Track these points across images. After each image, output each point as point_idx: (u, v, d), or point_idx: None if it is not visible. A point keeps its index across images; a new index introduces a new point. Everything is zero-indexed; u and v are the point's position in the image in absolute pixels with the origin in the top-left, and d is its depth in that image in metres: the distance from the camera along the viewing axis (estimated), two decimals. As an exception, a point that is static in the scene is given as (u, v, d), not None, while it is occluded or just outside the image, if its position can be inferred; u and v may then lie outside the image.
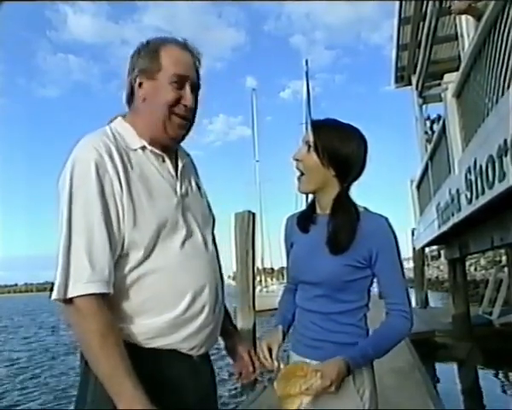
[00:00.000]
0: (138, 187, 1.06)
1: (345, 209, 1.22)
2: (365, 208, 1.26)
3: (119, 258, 1.03)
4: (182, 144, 1.25)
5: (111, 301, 1.02)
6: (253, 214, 6.53)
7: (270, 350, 1.29)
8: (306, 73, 29.58)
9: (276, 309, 1.52)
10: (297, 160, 1.26)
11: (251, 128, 31.57)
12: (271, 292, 23.64)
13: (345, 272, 1.19)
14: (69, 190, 1.00)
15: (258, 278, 23.73)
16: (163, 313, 1.06)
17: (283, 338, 1.35)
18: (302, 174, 1.25)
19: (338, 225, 1.20)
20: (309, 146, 1.23)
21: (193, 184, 1.25)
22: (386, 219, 1.23)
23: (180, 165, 1.19)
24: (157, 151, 1.13)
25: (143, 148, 1.12)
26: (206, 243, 1.18)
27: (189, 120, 1.15)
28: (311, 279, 1.25)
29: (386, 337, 1.19)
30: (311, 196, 1.35)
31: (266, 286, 26.05)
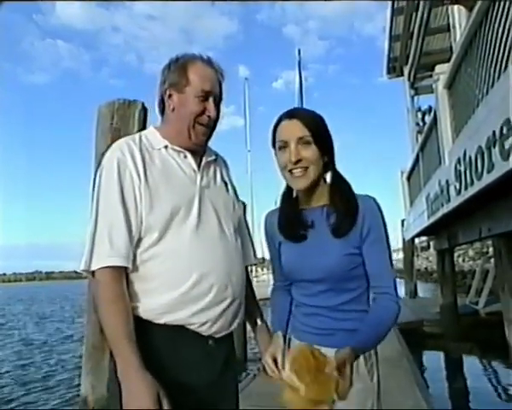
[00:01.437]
0: (157, 178, 1.22)
1: (345, 185, 1.25)
2: None
3: (138, 240, 1.19)
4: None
5: (129, 278, 1.18)
6: (244, 204, 6.51)
7: (275, 360, 1.26)
8: (299, 63, 29.44)
9: (266, 299, 1.51)
10: (300, 160, 1.20)
11: (243, 118, 31.42)
12: (262, 282, 23.73)
13: (346, 262, 1.18)
14: (98, 185, 1.21)
15: (249, 268, 23.70)
16: (170, 290, 1.17)
17: (285, 342, 1.32)
18: (304, 169, 1.21)
19: (346, 205, 1.21)
20: (305, 141, 1.20)
21: (218, 178, 1.38)
22: (374, 199, 1.23)
23: (204, 161, 1.33)
24: (178, 149, 1.29)
25: (166, 147, 1.28)
26: (222, 231, 1.28)
27: (210, 127, 1.30)
28: (313, 277, 1.23)
29: (377, 328, 1.16)
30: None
31: (257, 276, 26.14)
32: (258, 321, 1.43)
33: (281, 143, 1.23)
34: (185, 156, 1.30)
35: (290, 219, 1.30)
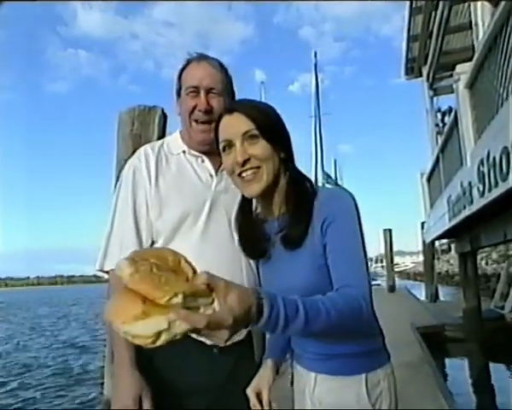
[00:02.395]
0: (169, 184, 1.24)
1: (302, 184, 1.05)
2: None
3: (151, 245, 1.23)
4: None
5: None
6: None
7: (259, 396, 1.12)
8: (315, 66, 29.53)
9: None
10: (249, 159, 1.01)
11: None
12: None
13: (320, 277, 0.98)
14: (117, 191, 1.28)
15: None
16: None
17: (277, 371, 1.19)
18: (256, 170, 1.02)
19: (296, 207, 1.01)
20: (251, 136, 1.01)
21: None
22: (349, 192, 1.03)
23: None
24: (196, 153, 1.30)
25: (184, 152, 1.30)
26: (232, 238, 1.23)
27: (209, 122, 1.24)
28: None
29: (330, 310, 0.82)
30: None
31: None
32: None
33: (224, 143, 1.04)
34: (202, 161, 1.30)
35: (248, 237, 1.14)
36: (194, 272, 0.72)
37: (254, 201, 1.15)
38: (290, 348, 1.18)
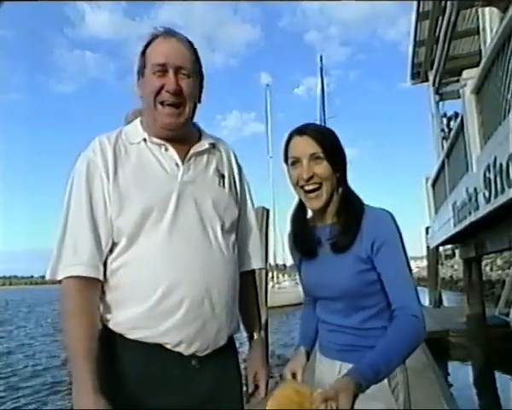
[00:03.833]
0: (129, 177, 1.10)
1: (355, 202, 1.21)
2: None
3: (112, 247, 1.09)
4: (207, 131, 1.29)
5: (103, 289, 1.09)
6: (267, 210, 6.50)
7: (294, 376, 1.23)
8: (321, 70, 29.61)
9: (287, 306, 1.48)
10: (312, 176, 1.18)
11: (264, 124, 31.41)
12: (283, 288, 23.64)
13: (359, 280, 1.14)
14: (69, 189, 1.12)
15: (270, 275, 23.66)
16: (139, 304, 1.06)
17: (308, 358, 1.31)
18: (317, 189, 1.19)
19: (347, 220, 1.18)
20: (317, 157, 1.18)
21: (211, 172, 1.21)
22: (390, 213, 1.19)
23: (192, 152, 1.18)
24: (158, 141, 1.15)
25: (145, 140, 1.16)
26: (204, 234, 1.13)
27: (177, 105, 1.12)
28: (328, 295, 1.22)
29: (396, 347, 1.04)
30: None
31: (278, 282, 26.00)
32: (255, 335, 1.33)
33: (293, 160, 1.21)
34: (166, 149, 1.15)
35: (301, 237, 1.29)
36: (308, 389, 0.96)
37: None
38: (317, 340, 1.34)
